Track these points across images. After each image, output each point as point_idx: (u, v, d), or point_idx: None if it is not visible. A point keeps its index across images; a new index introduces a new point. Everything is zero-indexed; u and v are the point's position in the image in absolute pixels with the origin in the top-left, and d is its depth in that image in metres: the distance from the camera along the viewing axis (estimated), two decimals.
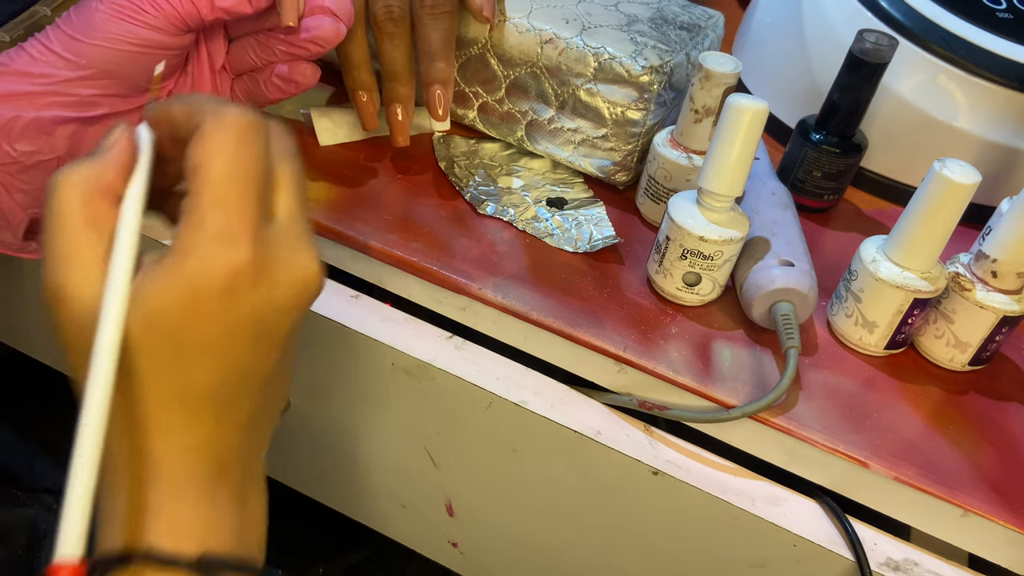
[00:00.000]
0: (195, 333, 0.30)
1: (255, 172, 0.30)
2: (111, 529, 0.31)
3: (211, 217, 0.29)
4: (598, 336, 0.43)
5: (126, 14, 0.40)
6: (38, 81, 0.40)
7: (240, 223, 0.29)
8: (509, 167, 0.53)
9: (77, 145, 0.42)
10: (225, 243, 0.29)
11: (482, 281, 0.45)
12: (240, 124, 0.30)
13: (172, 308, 0.29)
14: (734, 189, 0.42)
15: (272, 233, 0.31)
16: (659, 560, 0.45)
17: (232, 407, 0.32)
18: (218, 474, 0.32)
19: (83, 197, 0.30)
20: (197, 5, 0.41)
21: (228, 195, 0.29)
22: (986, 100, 0.52)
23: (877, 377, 0.44)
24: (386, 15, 0.47)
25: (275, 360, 0.33)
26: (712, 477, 0.41)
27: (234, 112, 0.30)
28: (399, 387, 0.46)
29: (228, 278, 0.29)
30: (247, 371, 0.32)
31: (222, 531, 0.32)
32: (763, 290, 0.43)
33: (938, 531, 0.40)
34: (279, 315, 0.32)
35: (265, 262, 0.30)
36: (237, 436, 0.33)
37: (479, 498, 0.48)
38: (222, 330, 0.30)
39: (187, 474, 0.32)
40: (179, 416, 0.31)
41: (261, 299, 0.31)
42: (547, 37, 0.49)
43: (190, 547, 0.31)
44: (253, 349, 0.32)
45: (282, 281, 0.31)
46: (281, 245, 0.31)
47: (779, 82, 0.60)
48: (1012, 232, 0.41)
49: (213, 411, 0.32)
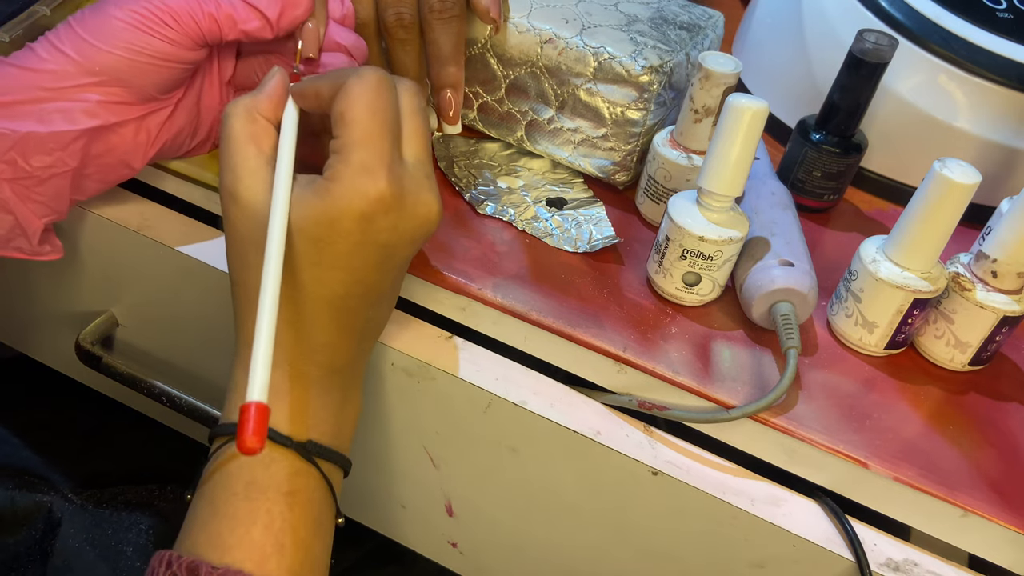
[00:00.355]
0: (333, 247, 0.35)
1: (390, 118, 0.36)
2: (239, 403, 0.35)
3: (356, 154, 0.35)
4: (598, 336, 0.43)
5: (146, 26, 0.40)
6: (46, 83, 0.40)
7: (379, 159, 0.35)
8: (509, 167, 0.53)
9: (90, 157, 0.42)
10: (366, 175, 0.35)
11: (482, 281, 0.45)
12: (376, 79, 0.36)
13: (318, 222, 0.35)
14: (734, 189, 0.42)
15: (404, 172, 0.37)
16: (659, 560, 0.45)
17: (351, 316, 0.38)
18: (330, 374, 0.38)
19: (245, 119, 0.37)
20: (220, 25, 0.41)
21: (370, 135, 0.35)
22: (986, 100, 0.52)
23: (877, 377, 0.44)
24: (397, 22, 0.47)
25: (391, 282, 0.39)
26: (712, 477, 0.41)
27: (370, 70, 0.36)
28: (399, 387, 0.46)
29: (366, 204, 0.35)
30: (369, 287, 0.37)
31: (326, 424, 0.38)
32: (763, 290, 0.43)
33: (938, 531, 0.40)
34: (402, 243, 0.37)
35: (397, 195, 0.36)
36: (351, 343, 0.39)
37: (479, 498, 0.48)
38: (355, 249, 0.36)
39: (308, 369, 0.37)
40: (310, 316, 0.37)
41: (390, 226, 0.36)
42: (547, 37, 0.49)
43: (299, 432, 0.37)
44: (377, 269, 0.37)
45: (408, 213, 0.37)
46: (410, 183, 0.37)
47: (779, 82, 0.60)
48: (1012, 232, 0.41)
49: (337, 318, 0.37)
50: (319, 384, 0.38)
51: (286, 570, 0.35)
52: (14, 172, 0.40)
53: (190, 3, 0.40)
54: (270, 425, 0.36)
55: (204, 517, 0.35)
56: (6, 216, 0.41)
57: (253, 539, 0.35)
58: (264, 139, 0.38)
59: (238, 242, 0.37)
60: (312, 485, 0.37)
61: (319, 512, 0.37)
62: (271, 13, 0.43)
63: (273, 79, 0.39)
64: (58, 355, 0.59)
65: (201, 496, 0.36)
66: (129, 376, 0.52)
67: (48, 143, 0.40)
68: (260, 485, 0.35)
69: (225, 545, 0.34)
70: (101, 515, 0.54)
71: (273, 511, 0.35)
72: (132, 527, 0.54)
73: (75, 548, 0.51)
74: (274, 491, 0.36)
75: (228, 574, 0.33)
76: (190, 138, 0.46)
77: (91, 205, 0.49)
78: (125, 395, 0.60)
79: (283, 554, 0.35)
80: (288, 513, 0.36)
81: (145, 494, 0.58)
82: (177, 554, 0.34)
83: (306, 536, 0.36)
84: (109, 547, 0.53)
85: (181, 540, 0.36)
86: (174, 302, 0.51)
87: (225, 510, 0.35)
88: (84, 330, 0.53)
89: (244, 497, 0.35)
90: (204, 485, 0.37)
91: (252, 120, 0.38)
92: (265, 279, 0.34)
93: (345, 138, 0.35)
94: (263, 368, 0.32)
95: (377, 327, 0.41)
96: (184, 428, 0.60)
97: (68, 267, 0.53)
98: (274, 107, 0.39)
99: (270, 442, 0.36)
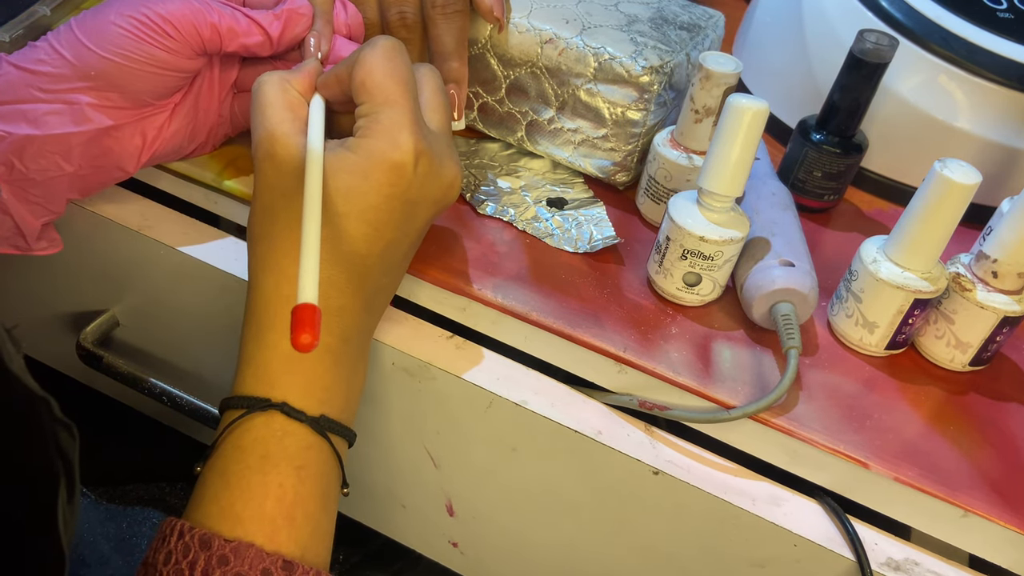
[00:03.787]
0: (363, 199, 0.37)
1: (408, 79, 0.38)
2: (253, 376, 0.37)
3: (384, 113, 0.37)
4: (598, 336, 0.43)
5: (145, 33, 0.40)
6: (42, 84, 0.40)
7: (408, 117, 0.37)
8: (509, 167, 0.53)
9: (86, 159, 0.42)
10: (399, 129, 0.37)
11: (482, 281, 0.45)
12: (388, 45, 0.38)
13: (352, 171, 0.37)
14: (734, 189, 0.42)
15: (430, 134, 0.39)
16: (659, 560, 0.45)
17: (366, 279, 0.39)
18: (343, 344, 0.39)
19: (280, 87, 0.39)
20: (222, 36, 0.41)
21: (395, 97, 0.37)
22: (986, 100, 0.52)
23: (877, 377, 0.44)
24: (400, 21, 0.47)
25: (409, 244, 0.40)
26: (712, 477, 0.41)
27: (381, 39, 0.38)
28: (399, 387, 0.46)
29: (400, 155, 0.37)
30: (388, 246, 0.38)
31: (338, 398, 0.39)
32: (763, 290, 0.43)
33: (939, 531, 0.40)
34: (425, 202, 0.39)
35: (425, 152, 0.38)
36: (361, 311, 0.39)
37: (479, 498, 0.48)
38: (383, 202, 0.37)
39: (323, 336, 0.37)
40: (328, 277, 0.37)
41: (417, 182, 0.38)
42: (547, 37, 0.49)
43: (312, 406, 0.37)
44: (399, 227, 0.38)
45: (435, 173, 0.38)
46: (437, 145, 0.39)
47: (779, 82, 0.60)
48: (1013, 232, 0.41)
49: (352, 280, 0.38)
50: (332, 355, 0.38)
51: (295, 542, 0.35)
52: (11, 174, 0.40)
53: (192, 13, 0.40)
54: (285, 399, 0.37)
55: (216, 489, 0.36)
56: (4, 217, 0.41)
57: (265, 512, 0.35)
58: (297, 107, 0.39)
59: (268, 195, 0.38)
60: (323, 459, 0.37)
61: (327, 485, 0.38)
62: (273, 30, 0.43)
63: (308, 64, 0.41)
64: (59, 355, 0.59)
65: (212, 468, 0.37)
66: (130, 376, 0.52)
67: (45, 146, 0.40)
68: (273, 459, 0.36)
69: (237, 517, 0.35)
70: (114, 510, 0.54)
71: (285, 484, 0.36)
72: (145, 521, 0.54)
73: (89, 542, 0.51)
74: (286, 464, 0.36)
75: (240, 547, 0.34)
76: (188, 141, 0.46)
77: (91, 204, 0.49)
78: (126, 395, 0.60)
79: (293, 527, 0.35)
80: (300, 487, 0.36)
81: (156, 491, 0.59)
82: (189, 524, 0.34)
83: (315, 509, 0.37)
84: (123, 540, 0.53)
85: (190, 511, 0.36)
86: (174, 302, 0.51)
87: (238, 482, 0.36)
88: (85, 330, 0.53)
89: (257, 470, 0.36)
90: (215, 457, 0.37)
91: (285, 90, 0.39)
92: (308, 187, 0.35)
93: (371, 103, 0.37)
94: (312, 272, 0.33)
95: (384, 299, 0.42)
96: (185, 428, 0.60)
97: (68, 267, 0.53)
98: (306, 85, 0.40)
99: (284, 416, 0.36)
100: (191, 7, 0.40)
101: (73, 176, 0.42)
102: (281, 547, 0.35)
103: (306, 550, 0.36)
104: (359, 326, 0.39)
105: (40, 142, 0.40)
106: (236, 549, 0.33)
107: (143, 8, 0.40)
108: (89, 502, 0.55)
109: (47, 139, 0.40)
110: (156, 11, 0.40)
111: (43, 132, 0.40)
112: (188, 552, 0.33)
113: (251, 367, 0.38)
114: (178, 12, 0.40)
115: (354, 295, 0.38)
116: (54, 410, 0.31)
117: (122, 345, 0.56)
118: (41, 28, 0.51)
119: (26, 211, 0.42)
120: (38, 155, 0.40)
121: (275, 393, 0.37)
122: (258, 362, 0.37)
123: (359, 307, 0.39)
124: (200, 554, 0.33)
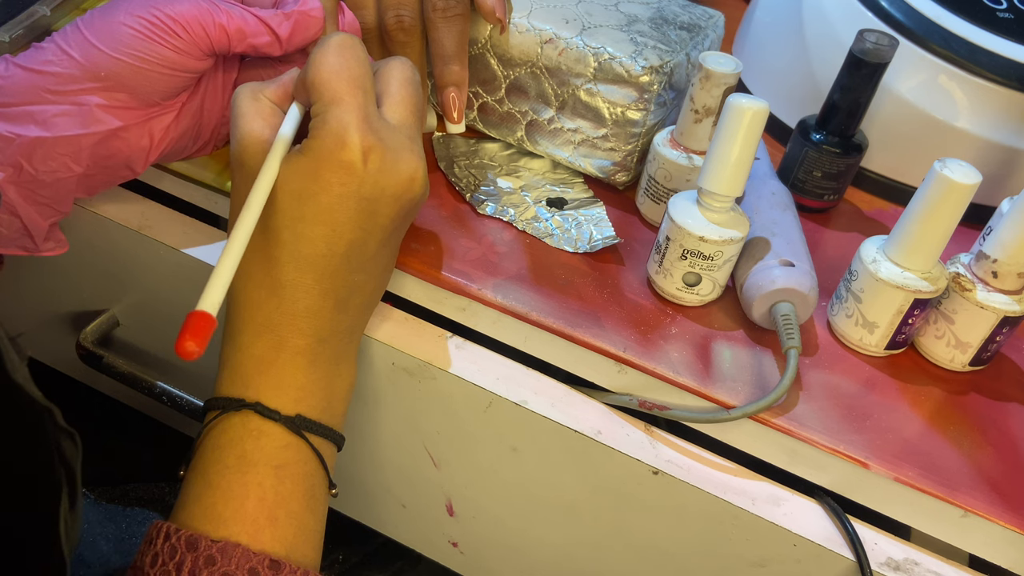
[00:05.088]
0: (315, 200, 0.36)
1: (357, 75, 0.37)
2: (228, 377, 0.38)
3: (331, 112, 0.36)
4: (598, 336, 0.43)
5: (154, 34, 0.40)
6: (50, 85, 0.39)
7: (353, 112, 0.36)
8: (509, 167, 0.53)
9: (94, 160, 0.42)
10: (343, 127, 0.36)
11: (482, 282, 0.45)
12: (335, 42, 0.38)
13: (302, 175, 0.36)
14: (734, 189, 0.42)
15: (383, 127, 0.38)
16: (659, 560, 0.45)
17: (334, 279, 0.38)
18: (316, 344, 0.38)
19: (250, 97, 0.39)
20: (230, 37, 0.41)
21: (339, 92, 0.37)
22: (986, 100, 0.52)
23: (877, 377, 0.44)
24: (397, 25, 0.47)
25: (376, 243, 0.39)
26: (712, 477, 0.41)
27: (332, 36, 0.38)
28: (399, 387, 0.46)
29: (345, 153, 0.36)
30: (351, 245, 0.38)
31: (314, 398, 0.38)
32: (763, 290, 0.43)
33: (938, 531, 0.40)
34: (385, 198, 0.38)
35: (375, 145, 0.37)
36: (333, 310, 0.39)
37: (480, 498, 0.48)
38: (336, 202, 0.37)
39: (292, 338, 0.38)
40: (292, 279, 0.37)
41: (370, 179, 0.37)
42: (547, 37, 0.49)
43: (286, 405, 0.37)
44: (360, 226, 0.38)
45: (390, 168, 0.37)
46: (391, 139, 0.38)
47: (779, 82, 0.60)
48: (1012, 232, 0.41)
49: (319, 281, 0.38)
50: (305, 355, 0.38)
51: (279, 542, 0.36)
52: (20, 176, 0.40)
53: (201, 13, 0.40)
54: (258, 399, 0.37)
55: (198, 490, 0.36)
56: (12, 219, 0.41)
57: (247, 512, 0.35)
58: (270, 117, 0.39)
59: (239, 203, 0.38)
60: (303, 458, 0.37)
61: (311, 485, 0.38)
62: (282, 31, 0.43)
63: (287, 75, 0.41)
64: (59, 355, 0.59)
65: (194, 469, 0.37)
66: (130, 375, 0.52)
67: (55, 148, 0.40)
68: (251, 459, 0.36)
69: (220, 518, 0.35)
70: (113, 510, 0.54)
71: (265, 484, 0.36)
72: (145, 521, 0.54)
73: (89, 541, 0.51)
74: (264, 464, 0.36)
75: (227, 547, 0.34)
76: (193, 141, 0.46)
77: (92, 204, 0.49)
78: (126, 395, 0.60)
79: (276, 526, 0.36)
80: (280, 486, 0.36)
81: (156, 491, 0.59)
82: (175, 526, 0.34)
83: (298, 509, 0.37)
84: (123, 540, 0.53)
85: (176, 513, 0.36)
86: (175, 302, 0.51)
87: (219, 483, 0.36)
88: (85, 330, 0.53)
89: (236, 470, 0.36)
90: (197, 458, 0.37)
91: (256, 99, 0.39)
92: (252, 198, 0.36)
93: (320, 102, 0.37)
94: (220, 288, 0.33)
95: (363, 297, 0.41)
96: (185, 428, 0.60)
97: (69, 267, 0.53)
98: (280, 96, 0.40)
99: (259, 416, 0.37)
100: (199, 8, 0.40)
101: (82, 176, 0.42)
102: (265, 546, 0.35)
103: (292, 550, 0.36)
104: (334, 326, 0.39)
105: (50, 144, 0.40)
106: (223, 549, 0.34)
107: (152, 8, 0.40)
108: (89, 502, 0.55)
109: (57, 141, 0.40)
110: (165, 11, 0.40)
111: (53, 134, 0.40)
112: (175, 554, 0.34)
113: (227, 368, 0.38)
114: (187, 13, 0.40)
115: (323, 296, 0.38)
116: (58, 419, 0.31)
117: (122, 345, 0.56)
118: (41, 28, 0.51)
119: (34, 212, 0.42)
120: (48, 157, 0.40)
121: (248, 393, 0.37)
122: (233, 364, 0.38)
123: (330, 307, 0.38)
124: (187, 555, 0.33)
